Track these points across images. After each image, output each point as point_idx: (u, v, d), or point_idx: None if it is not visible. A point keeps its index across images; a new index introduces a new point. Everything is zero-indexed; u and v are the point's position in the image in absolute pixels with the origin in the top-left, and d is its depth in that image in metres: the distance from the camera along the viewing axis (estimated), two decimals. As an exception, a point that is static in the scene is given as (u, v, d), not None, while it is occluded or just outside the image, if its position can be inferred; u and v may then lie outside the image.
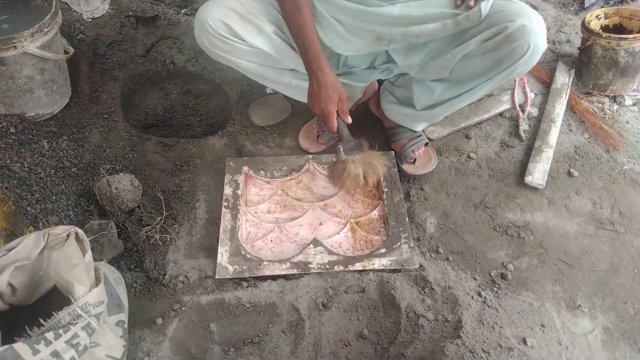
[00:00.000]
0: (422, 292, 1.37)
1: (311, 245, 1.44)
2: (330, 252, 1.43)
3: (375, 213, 1.56)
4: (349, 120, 1.47)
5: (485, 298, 1.37)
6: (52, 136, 1.70)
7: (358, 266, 1.40)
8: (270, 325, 1.33)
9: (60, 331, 1.01)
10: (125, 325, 1.24)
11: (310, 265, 1.40)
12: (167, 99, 2.10)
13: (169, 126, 2.02)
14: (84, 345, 1.05)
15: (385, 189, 1.58)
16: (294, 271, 1.39)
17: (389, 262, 1.40)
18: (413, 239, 1.48)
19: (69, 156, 1.67)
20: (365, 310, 1.34)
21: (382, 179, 1.60)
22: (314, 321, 1.33)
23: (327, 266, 1.40)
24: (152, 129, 1.98)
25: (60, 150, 1.67)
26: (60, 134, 1.72)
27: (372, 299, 1.36)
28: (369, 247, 1.48)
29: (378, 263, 1.40)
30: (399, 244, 1.44)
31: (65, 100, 1.78)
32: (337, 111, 1.42)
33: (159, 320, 1.33)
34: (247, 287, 1.40)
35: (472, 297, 1.36)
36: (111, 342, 1.17)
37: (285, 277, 1.42)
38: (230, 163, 1.64)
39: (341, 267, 1.40)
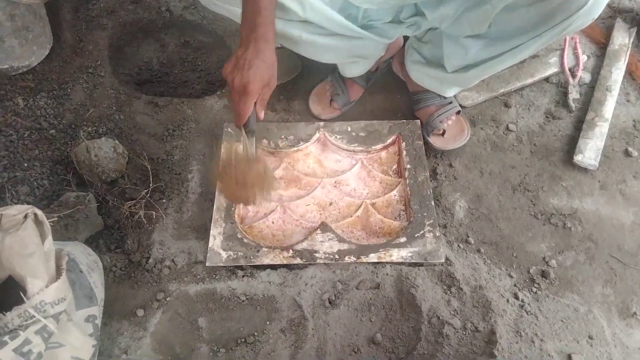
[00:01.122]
0: (448, 291, 1.16)
1: (319, 231, 1.23)
2: (341, 240, 1.21)
3: (395, 194, 1.34)
4: (262, 116, 1.12)
5: (522, 301, 1.15)
6: (29, 92, 1.49)
7: (373, 257, 1.19)
8: (268, 322, 1.14)
9: (6, 338, 0.83)
10: (98, 321, 1.06)
11: (317, 255, 1.19)
12: (163, 52, 1.86)
13: (165, 83, 1.79)
14: (38, 353, 0.87)
15: (408, 166, 1.34)
16: (297, 261, 1.19)
17: (410, 254, 1.19)
18: (439, 227, 1.25)
19: (47, 116, 1.47)
20: (380, 310, 1.14)
21: (404, 153, 1.37)
22: (319, 321, 1.13)
23: (337, 256, 1.19)
24: (146, 86, 1.76)
25: (37, 108, 1.47)
26: (38, 90, 1.51)
27: (388, 297, 1.15)
28: (386, 235, 1.26)
29: (396, 255, 1.19)
30: (422, 232, 1.22)
31: (44, 51, 1.56)
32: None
33: (140, 312, 1.15)
34: (243, 276, 1.20)
35: (508, 301, 1.15)
36: (77, 342, 0.99)
37: (287, 266, 1.22)
38: (229, 129, 1.41)
39: (352, 258, 1.19)
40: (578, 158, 1.38)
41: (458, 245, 1.26)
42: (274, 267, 1.21)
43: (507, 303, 1.14)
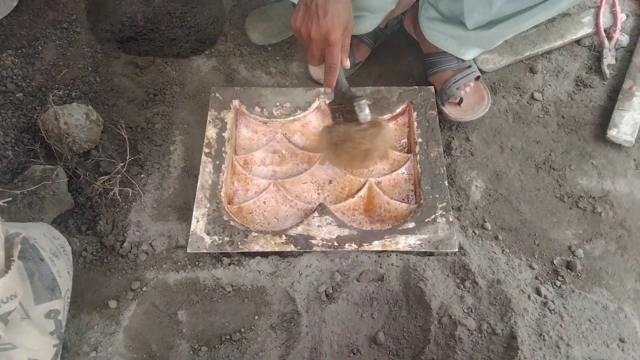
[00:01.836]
0: (462, 286, 1.02)
1: (316, 213, 1.08)
2: (341, 224, 1.07)
3: (403, 171, 1.18)
4: (348, 64, 1.01)
5: (545, 297, 1.02)
6: (-7, 50, 1.32)
7: (376, 245, 1.04)
8: (257, 317, 1.01)
9: (-60, 345, 0.71)
10: (62, 316, 0.93)
11: (314, 242, 1.05)
12: (148, 6, 1.66)
13: (150, 41, 1.60)
14: (-20, 361, 0.75)
15: (419, 139, 1.18)
16: (291, 248, 1.05)
17: (419, 243, 1.04)
18: (453, 210, 1.11)
19: (13, 77, 1.30)
20: (383, 305, 1.01)
21: (415, 125, 1.20)
22: (314, 316, 1.00)
23: (336, 243, 1.05)
24: (129, 44, 1.58)
25: (2, 68, 1.31)
26: (5, 47, 1.34)
27: (393, 291, 1.02)
28: (392, 219, 1.11)
29: (404, 242, 1.05)
30: (433, 216, 1.08)
31: (12, 3, 1.39)
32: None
33: (113, 303, 1.02)
34: (229, 264, 1.06)
35: (529, 297, 1.01)
36: (34, 343, 0.87)
37: (280, 253, 1.08)
38: (217, 94, 1.25)
39: (354, 246, 1.04)
40: (612, 133, 1.21)
41: (473, 232, 1.12)
42: (264, 254, 1.07)
43: (529, 300, 1.00)
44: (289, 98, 1.26)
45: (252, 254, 1.07)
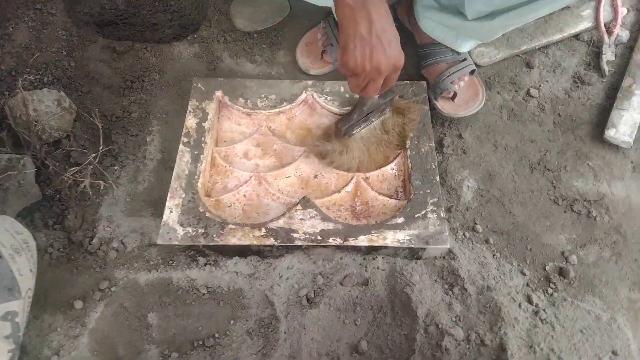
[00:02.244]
0: (450, 292, 0.96)
1: (299, 206, 1.02)
2: (325, 218, 1.01)
3: (392, 167, 1.12)
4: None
5: (537, 306, 0.97)
6: (-40, 30, 1.25)
7: (363, 240, 0.98)
8: (232, 322, 0.95)
9: None
10: (20, 317, 0.87)
11: (295, 235, 0.99)
12: (130, -13, 1.58)
13: (131, 25, 1.52)
14: None
15: (410, 134, 1.12)
16: (271, 241, 0.98)
17: (408, 238, 0.99)
18: (444, 207, 1.05)
19: (-19, 59, 1.23)
20: (367, 311, 0.95)
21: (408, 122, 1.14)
22: (293, 322, 0.95)
23: (319, 237, 0.98)
24: (109, 28, 1.50)
25: (-30, 49, 1.23)
26: (-27, 27, 1.26)
27: (378, 296, 0.96)
28: (380, 215, 1.06)
29: (392, 237, 0.98)
30: (423, 212, 1.02)
31: (-19, -21, 1.31)
32: None
33: (79, 304, 0.96)
34: (205, 264, 1.01)
35: (520, 305, 0.96)
36: (-11, 348, 0.81)
37: (259, 254, 1.02)
38: (199, 85, 1.17)
39: (338, 240, 0.98)
40: (610, 133, 1.16)
41: (463, 234, 1.07)
42: (242, 254, 1.01)
43: (520, 309, 0.95)
44: (275, 90, 1.19)
45: (230, 253, 1.01)
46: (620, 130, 1.16)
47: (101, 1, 1.57)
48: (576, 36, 1.33)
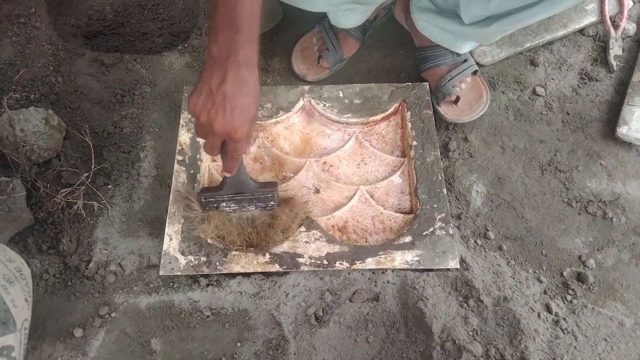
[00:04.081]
0: (465, 305, 0.92)
1: (302, 228, 0.98)
2: (330, 240, 0.96)
3: (397, 178, 1.08)
4: (250, 151, 1.01)
5: (557, 315, 0.92)
6: (-59, 47, 1.20)
7: (370, 263, 0.94)
8: (239, 344, 0.90)
9: None
10: (17, 352, 0.82)
11: (301, 260, 0.95)
12: (117, -3, 1.53)
13: (120, 35, 1.48)
14: None
15: (414, 142, 1.08)
16: (276, 268, 0.94)
17: (416, 259, 0.95)
18: (453, 219, 1.01)
19: (-35, 77, 1.18)
20: (379, 328, 0.91)
21: (409, 126, 1.10)
22: (303, 342, 0.90)
23: (325, 262, 0.94)
24: (97, 39, 1.45)
25: (-48, 68, 1.18)
26: (-45, 45, 1.21)
27: (390, 312, 0.92)
28: (387, 231, 1.01)
29: (400, 259, 0.95)
30: (431, 229, 0.98)
31: (-39, -6, 1.26)
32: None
33: (78, 332, 0.92)
34: (207, 285, 0.96)
35: (539, 315, 0.92)
36: (-19, 389, 0.76)
37: (264, 272, 0.97)
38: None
39: (345, 264, 0.94)
40: (622, 130, 1.12)
41: (475, 242, 1.02)
42: (246, 273, 0.97)
43: (539, 319, 0.91)
44: (270, 98, 1.15)
45: (233, 273, 0.96)
46: (633, 127, 1.12)
47: (88, 12, 1.52)
48: (581, 31, 1.29)
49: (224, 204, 0.96)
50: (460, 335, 0.87)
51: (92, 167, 1.05)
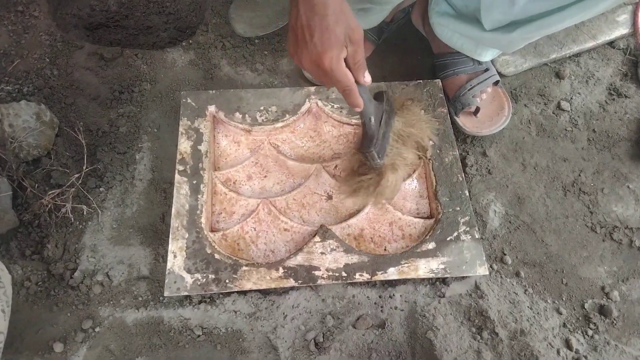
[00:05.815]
0: (479, 337, 0.85)
1: (317, 238, 0.91)
2: (348, 250, 0.89)
3: (413, 182, 1.01)
4: (368, 79, 0.80)
5: (577, 352, 0.85)
6: None
7: (392, 273, 0.87)
8: (231, 368, 0.83)
9: None
10: (-12, 368, 0.76)
11: (317, 273, 0.87)
12: (121, -12, 1.47)
13: (123, 28, 1.41)
14: None
15: (430, 142, 1.00)
16: (292, 283, 0.87)
17: (442, 267, 0.87)
18: (478, 225, 0.94)
19: (-44, 67, 1.12)
20: (384, 358, 0.84)
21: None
22: (300, 370, 0.83)
23: (344, 273, 0.87)
24: (99, 31, 1.38)
25: (-58, 56, 1.12)
26: (-53, 32, 1.15)
27: (397, 341, 0.85)
28: (406, 238, 0.94)
29: (425, 268, 0.87)
30: (456, 234, 0.91)
31: (-44, -22, 1.20)
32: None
33: (58, 346, 0.85)
34: (200, 302, 0.89)
35: (559, 352, 0.84)
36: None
37: (261, 290, 0.90)
38: (188, 100, 1.05)
39: (366, 276, 0.87)
40: (652, 152, 1.05)
41: (491, 266, 0.95)
42: (242, 291, 0.90)
43: (558, 356, 0.84)
44: (274, 100, 1.07)
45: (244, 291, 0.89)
46: (663, 148, 1.05)
47: (91, 2, 1.45)
48: (611, 43, 1.21)
49: (387, 135, 0.87)
50: (472, 371, 0.80)
51: (84, 167, 0.99)
